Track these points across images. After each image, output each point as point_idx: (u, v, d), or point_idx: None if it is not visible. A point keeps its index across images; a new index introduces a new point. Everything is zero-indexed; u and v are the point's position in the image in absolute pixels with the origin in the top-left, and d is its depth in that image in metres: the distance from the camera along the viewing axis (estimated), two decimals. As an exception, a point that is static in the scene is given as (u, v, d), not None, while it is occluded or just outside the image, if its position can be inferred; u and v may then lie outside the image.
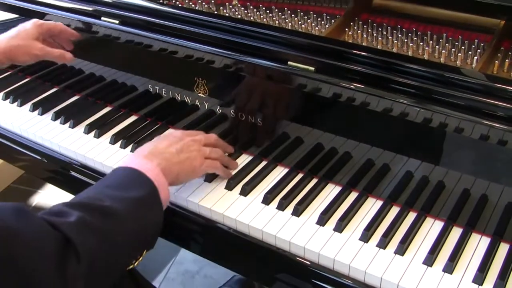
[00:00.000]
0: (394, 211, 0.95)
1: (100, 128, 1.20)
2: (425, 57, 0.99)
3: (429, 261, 0.86)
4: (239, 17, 1.18)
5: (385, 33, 1.06)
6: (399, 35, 1.05)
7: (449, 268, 0.84)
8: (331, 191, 1.01)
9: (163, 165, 0.91)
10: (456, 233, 0.91)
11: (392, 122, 0.90)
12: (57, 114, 1.26)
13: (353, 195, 0.99)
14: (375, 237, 0.90)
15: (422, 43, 1.02)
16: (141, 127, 1.20)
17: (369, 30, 1.08)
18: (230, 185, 1.02)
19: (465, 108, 0.83)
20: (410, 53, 1.00)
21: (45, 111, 1.28)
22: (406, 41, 1.03)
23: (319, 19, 1.13)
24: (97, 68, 1.28)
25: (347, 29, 1.09)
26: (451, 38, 1.02)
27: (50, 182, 1.34)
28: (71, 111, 1.27)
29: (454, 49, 1.00)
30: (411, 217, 0.94)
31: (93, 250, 0.75)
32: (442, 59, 0.98)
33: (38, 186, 2.25)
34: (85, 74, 1.31)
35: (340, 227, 0.92)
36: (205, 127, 1.14)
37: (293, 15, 1.15)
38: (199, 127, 1.15)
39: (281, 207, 0.97)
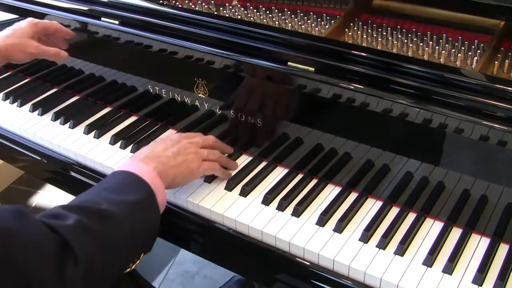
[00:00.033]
0: (394, 212, 0.95)
1: (100, 128, 1.20)
2: (425, 57, 0.99)
3: (429, 261, 0.86)
4: (239, 17, 1.18)
5: (385, 33, 1.06)
6: (399, 36, 1.05)
7: (449, 268, 0.84)
8: (331, 191, 1.01)
9: (159, 168, 0.91)
10: (455, 233, 0.91)
11: (392, 122, 0.90)
12: (57, 114, 1.26)
13: (353, 196, 0.99)
14: (375, 237, 0.90)
15: (422, 44, 1.02)
16: (141, 127, 1.20)
17: (369, 30, 1.08)
18: (230, 185, 1.02)
19: (465, 108, 0.83)
20: (410, 54, 1.00)
21: (45, 111, 1.28)
22: (406, 41, 1.03)
23: (319, 19, 1.13)
24: (97, 68, 1.28)
25: (347, 30, 1.09)
26: (451, 38, 1.02)
27: (50, 182, 1.35)
28: (71, 111, 1.27)
29: (454, 50, 1.00)
30: (410, 217, 0.94)
31: (90, 253, 0.75)
32: (442, 60, 0.98)
33: (38, 186, 2.26)
34: (85, 74, 1.31)
35: (340, 228, 0.92)
36: (205, 127, 1.14)
37: (293, 16, 1.15)
38: (199, 128, 1.15)
39: (281, 207, 0.97)
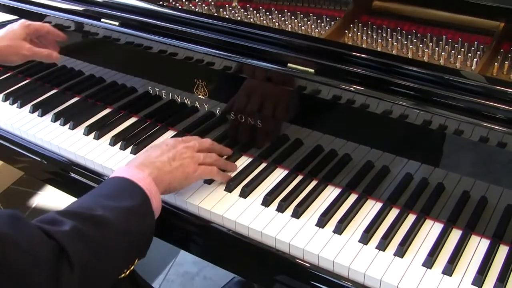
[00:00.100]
0: (393, 213, 0.95)
1: (100, 129, 1.20)
2: (425, 59, 0.99)
3: (429, 263, 0.86)
4: (239, 19, 1.18)
5: (384, 35, 1.06)
6: (399, 37, 1.05)
7: (449, 270, 0.84)
8: (330, 193, 1.01)
9: (154, 174, 0.92)
10: (455, 235, 0.91)
11: (391, 124, 0.90)
12: (57, 115, 1.26)
13: (353, 197, 0.99)
14: (375, 239, 0.90)
15: (421, 45, 1.02)
16: (141, 128, 1.20)
17: (369, 32, 1.08)
18: (229, 187, 1.02)
19: (464, 110, 0.83)
20: (409, 55, 1.00)
21: (45, 112, 1.28)
22: (405, 43, 1.03)
23: (319, 21, 1.13)
24: (97, 69, 1.28)
25: (346, 31, 1.09)
26: (450, 40, 1.02)
27: (50, 183, 1.35)
28: (71, 112, 1.27)
29: (453, 51, 1.00)
30: (410, 219, 0.94)
31: (85, 259, 0.75)
32: (441, 61, 0.98)
33: (38, 187, 2.26)
34: (85, 75, 1.31)
35: (339, 229, 0.92)
36: (205, 129, 1.14)
37: (292, 17, 1.15)
38: (199, 129, 1.15)
39: (281, 209, 0.97)
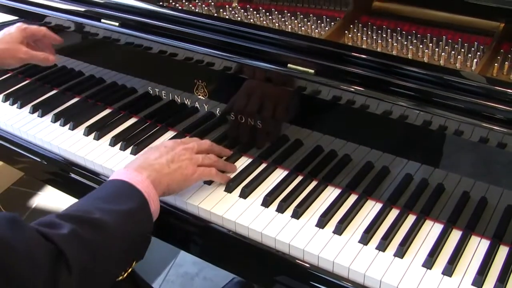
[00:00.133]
0: (393, 214, 0.95)
1: (100, 130, 1.20)
2: (425, 59, 0.99)
3: (429, 263, 0.86)
4: (239, 19, 1.18)
5: (384, 35, 1.06)
6: (399, 38, 1.05)
7: (449, 271, 0.84)
8: (330, 193, 1.01)
9: (153, 176, 0.92)
10: (455, 235, 0.91)
11: (391, 124, 0.90)
12: (57, 116, 1.26)
13: (353, 198, 0.99)
14: (375, 239, 0.90)
15: (421, 46, 1.02)
16: (141, 129, 1.20)
17: (369, 32, 1.08)
18: (229, 187, 1.02)
19: (464, 110, 0.83)
20: (409, 56, 1.00)
21: (45, 113, 1.28)
22: (405, 43, 1.03)
23: (319, 21, 1.13)
24: (97, 70, 1.28)
25: (346, 32, 1.09)
26: (450, 40, 1.02)
27: (50, 184, 1.35)
28: (71, 113, 1.27)
29: (453, 52, 1.00)
30: (410, 219, 0.94)
31: (83, 262, 0.76)
32: (441, 62, 0.98)
33: (38, 188, 2.26)
34: (85, 76, 1.31)
35: (339, 230, 0.92)
36: (205, 129, 1.14)
37: (293, 18, 1.15)
38: (199, 129, 1.15)
39: (281, 209, 0.97)
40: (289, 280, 0.93)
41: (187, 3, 1.25)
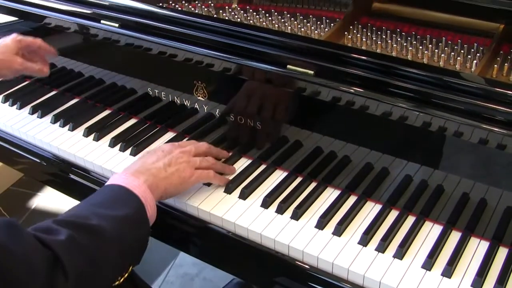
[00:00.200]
0: (393, 215, 0.95)
1: (99, 131, 1.20)
2: (425, 61, 0.99)
3: (428, 265, 0.85)
4: (239, 20, 1.18)
5: (384, 37, 1.06)
6: (399, 39, 1.05)
7: (448, 272, 0.84)
8: (330, 194, 1.01)
9: (150, 181, 0.92)
10: (455, 237, 0.91)
11: (391, 126, 0.90)
12: (57, 117, 1.26)
13: (352, 199, 0.99)
14: (374, 241, 0.90)
15: (421, 47, 1.02)
16: (140, 130, 1.20)
17: (369, 34, 1.08)
18: (229, 188, 1.02)
19: (464, 112, 0.83)
20: (409, 57, 1.00)
21: (45, 114, 1.28)
22: (405, 45, 1.03)
23: (319, 22, 1.13)
24: (97, 71, 1.28)
25: (346, 33, 1.09)
26: (450, 42, 1.02)
27: (49, 185, 1.35)
28: (71, 114, 1.28)
29: (453, 53, 1.00)
30: (410, 221, 0.94)
31: (80, 268, 0.76)
32: (441, 63, 0.98)
33: (37, 189, 2.25)
34: (84, 77, 1.31)
35: (339, 231, 0.92)
36: (204, 130, 1.14)
37: (292, 19, 1.15)
38: (198, 130, 1.15)
39: (280, 210, 0.97)
40: (289, 281, 0.93)
41: (186, 4, 1.25)
